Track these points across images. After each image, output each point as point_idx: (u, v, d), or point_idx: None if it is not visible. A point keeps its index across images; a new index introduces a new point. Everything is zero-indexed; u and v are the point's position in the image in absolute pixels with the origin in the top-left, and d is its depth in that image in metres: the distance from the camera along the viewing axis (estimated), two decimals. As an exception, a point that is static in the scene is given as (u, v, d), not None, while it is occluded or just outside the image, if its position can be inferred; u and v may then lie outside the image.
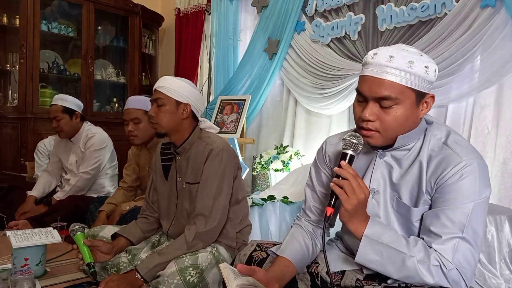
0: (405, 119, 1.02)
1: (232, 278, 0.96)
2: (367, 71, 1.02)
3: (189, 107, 1.65)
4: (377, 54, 1.01)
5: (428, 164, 1.04)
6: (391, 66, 0.98)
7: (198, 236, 1.52)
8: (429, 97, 1.04)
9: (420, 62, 0.98)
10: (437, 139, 1.07)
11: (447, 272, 0.95)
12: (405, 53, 0.99)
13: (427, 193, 1.04)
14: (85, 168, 2.68)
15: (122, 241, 1.69)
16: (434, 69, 1.01)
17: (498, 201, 2.14)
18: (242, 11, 3.66)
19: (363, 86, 1.03)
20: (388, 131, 1.03)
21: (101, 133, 2.78)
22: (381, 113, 1.01)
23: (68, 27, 3.90)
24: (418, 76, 0.98)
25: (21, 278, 1.43)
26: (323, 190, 1.25)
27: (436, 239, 0.98)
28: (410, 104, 1.00)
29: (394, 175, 1.10)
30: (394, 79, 0.98)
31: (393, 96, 0.98)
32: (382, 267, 1.00)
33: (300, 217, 1.30)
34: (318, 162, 1.29)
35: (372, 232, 1.01)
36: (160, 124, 1.63)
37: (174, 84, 1.63)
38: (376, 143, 1.06)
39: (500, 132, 2.17)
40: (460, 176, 0.98)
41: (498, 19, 2.05)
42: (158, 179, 1.78)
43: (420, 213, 1.05)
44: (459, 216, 0.97)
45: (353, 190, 0.98)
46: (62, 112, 2.66)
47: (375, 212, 1.11)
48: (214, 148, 1.60)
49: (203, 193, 1.58)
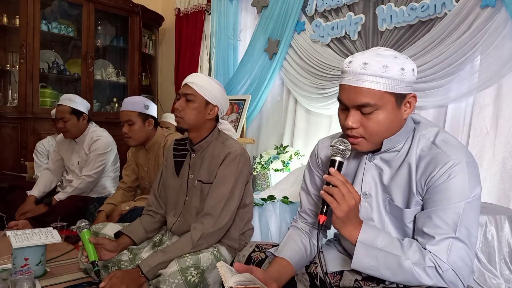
0: (389, 123, 1.02)
1: (229, 276, 0.96)
2: (344, 80, 1.03)
3: (217, 109, 1.65)
4: (352, 62, 1.01)
5: (417, 165, 1.04)
6: (366, 73, 0.98)
7: (204, 236, 1.53)
8: (410, 97, 1.03)
9: (395, 65, 0.98)
10: (425, 139, 1.06)
11: (443, 273, 0.95)
12: (378, 58, 0.98)
13: (418, 194, 1.04)
14: (88, 171, 2.66)
15: (126, 240, 1.68)
16: (411, 69, 1.00)
17: (497, 201, 2.14)
18: (242, 11, 3.66)
19: (343, 95, 1.04)
20: (373, 136, 1.04)
21: (106, 137, 2.75)
22: (364, 119, 1.02)
23: (68, 27, 3.90)
24: (394, 79, 0.98)
25: (21, 278, 1.43)
26: (318, 193, 1.25)
27: (430, 240, 0.98)
28: (391, 107, 1.01)
29: (385, 177, 1.10)
30: (370, 85, 0.98)
31: (372, 102, 0.99)
32: (378, 272, 1.00)
33: (296, 219, 1.30)
34: (311, 165, 1.29)
35: (366, 237, 1.01)
36: (184, 119, 1.61)
37: (208, 84, 1.63)
38: (364, 149, 1.07)
39: (499, 132, 2.17)
40: (448, 176, 0.98)
41: (498, 19, 2.05)
42: (168, 174, 1.77)
43: (413, 214, 1.05)
44: (451, 216, 0.97)
45: (343, 197, 0.98)
46: (70, 114, 2.63)
47: (368, 216, 1.11)
48: (232, 151, 1.60)
49: (215, 193, 1.58)
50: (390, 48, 1.07)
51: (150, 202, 1.82)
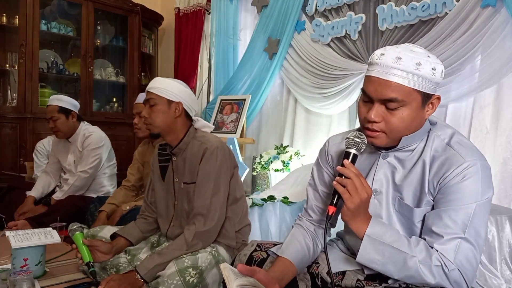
0: (411, 121, 1.01)
1: (232, 278, 0.96)
2: (373, 72, 1.01)
3: (181, 105, 1.65)
4: (384, 54, 0.99)
5: (431, 165, 1.04)
6: (398, 68, 0.97)
7: (198, 236, 1.52)
8: (435, 98, 1.03)
9: (428, 64, 0.97)
10: (440, 139, 1.06)
11: (449, 272, 0.94)
12: (412, 55, 0.97)
13: (430, 193, 1.04)
14: (83, 167, 2.68)
15: (121, 241, 1.69)
16: (441, 70, 1.00)
17: (498, 201, 2.14)
18: (242, 11, 3.65)
19: (369, 87, 1.02)
20: (394, 132, 1.03)
21: (98, 132, 2.78)
22: (387, 114, 1.01)
23: (68, 26, 3.89)
24: (425, 78, 0.97)
25: (20, 278, 1.42)
26: (325, 190, 1.25)
27: (438, 239, 0.98)
28: (416, 105, 1.00)
29: (397, 176, 1.09)
30: (401, 81, 0.97)
31: (399, 98, 0.98)
32: (383, 266, 0.99)
33: (301, 217, 1.29)
34: (320, 162, 1.28)
35: (374, 231, 1.00)
36: (153, 124, 1.64)
37: (165, 84, 1.64)
38: (381, 143, 1.06)
39: (500, 132, 2.16)
40: (463, 177, 0.98)
41: (499, 18, 2.04)
42: (155, 179, 1.78)
43: (422, 214, 1.05)
44: (461, 216, 0.97)
45: (356, 189, 0.98)
46: (58, 112, 2.66)
47: (377, 213, 1.11)
48: (209, 147, 1.60)
49: (200, 192, 1.58)
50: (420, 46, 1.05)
51: (143, 208, 1.83)
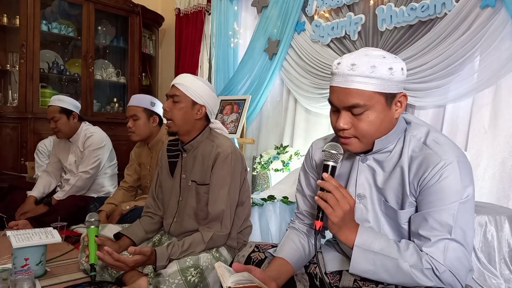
0: (380, 123, 1.02)
1: (227, 276, 0.96)
2: (333, 82, 1.03)
3: (205, 108, 1.66)
4: (340, 63, 1.01)
5: (409, 166, 1.04)
6: (354, 74, 0.98)
7: (215, 237, 1.55)
8: (401, 96, 1.03)
9: (383, 65, 0.98)
10: (416, 139, 1.06)
11: (440, 274, 0.95)
12: (366, 59, 0.98)
13: (412, 195, 1.04)
14: (84, 167, 2.68)
15: (126, 242, 1.69)
16: (400, 68, 1.00)
17: (497, 200, 2.14)
18: (242, 11, 3.66)
19: (333, 96, 1.04)
20: (365, 136, 1.03)
21: (99, 132, 2.78)
22: (354, 120, 1.02)
23: (68, 27, 3.90)
24: (383, 79, 0.98)
25: (21, 278, 1.43)
26: (313, 195, 1.25)
27: (426, 242, 0.98)
28: (381, 107, 1.00)
29: (379, 179, 1.10)
30: (359, 86, 0.98)
31: (361, 103, 0.99)
32: (376, 275, 1.00)
33: (294, 220, 1.30)
34: (306, 167, 1.29)
35: (363, 240, 1.01)
36: (173, 121, 1.63)
37: (193, 84, 1.64)
38: (356, 149, 1.07)
39: (498, 132, 2.17)
40: (440, 176, 0.98)
41: (498, 19, 2.05)
42: (164, 175, 1.78)
43: (407, 215, 1.05)
44: (445, 217, 0.97)
45: (337, 202, 0.98)
46: (59, 113, 2.67)
47: (364, 217, 1.11)
48: (222, 151, 1.60)
49: (215, 197, 1.59)
50: (378, 48, 1.07)
51: (148, 204, 1.83)
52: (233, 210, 1.63)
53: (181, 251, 1.48)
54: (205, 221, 1.61)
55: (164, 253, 1.46)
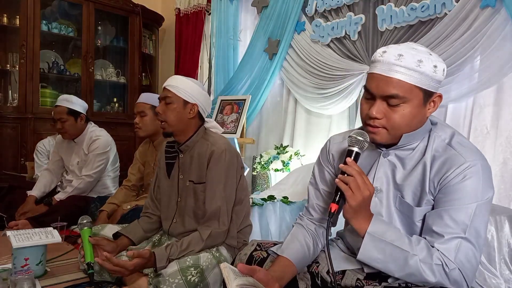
0: (412, 118, 1.02)
1: (232, 278, 0.96)
2: (375, 69, 1.02)
3: (197, 107, 1.68)
4: (386, 52, 1.01)
5: (431, 165, 1.04)
6: (400, 65, 0.98)
7: (214, 235, 1.56)
8: (436, 96, 1.04)
9: (429, 61, 0.98)
10: (441, 139, 1.07)
11: (449, 271, 0.95)
12: (414, 52, 0.99)
13: (430, 193, 1.04)
14: (88, 171, 2.67)
15: (124, 241, 1.69)
16: (442, 69, 1.01)
17: (498, 201, 2.14)
18: (242, 11, 3.66)
19: (371, 83, 1.03)
20: (395, 129, 1.04)
21: (105, 136, 2.76)
22: (388, 111, 1.02)
23: (68, 27, 3.90)
24: (426, 75, 0.99)
25: (21, 278, 1.43)
26: (326, 189, 1.26)
27: (439, 239, 0.98)
28: (418, 103, 1.01)
29: (398, 176, 1.10)
30: (402, 77, 0.98)
31: (400, 94, 0.99)
32: (384, 265, 1.00)
33: (302, 216, 1.30)
34: (321, 161, 1.29)
35: (375, 229, 1.01)
36: (167, 122, 1.66)
37: (184, 84, 1.67)
38: (382, 140, 1.07)
39: (500, 132, 2.17)
40: (463, 177, 0.99)
41: (498, 19, 2.04)
42: (161, 176, 1.80)
43: (423, 213, 1.05)
44: (462, 216, 0.98)
45: (358, 186, 0.98)
46: (67, 114, 2.64)
47: (377, 211, 1.11)
48: (216, 149, 1.62)
49: (211, 195, 1.60)
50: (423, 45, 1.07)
51: (147, 204, 1.84)
52: (230, 207, 1.63)
53: (180, 251, 1.49)
54: (203, 220, 1.61)
55: (163, 254, 1.46)
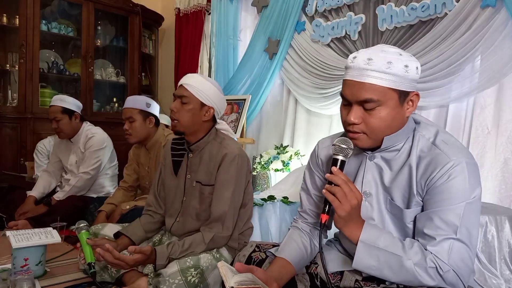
0: (391, 119, 1.02)
1: (230, 276, 0.96)
2: (348, 75, 1.03)
3: (213, 110, 1.65)
4: (356, 57, 1.01)
5: (417, 165, 1.04)
6: (370, 69, 0.98)
7: (216, 239, 1.55)
8: (413, 95, 1.04)
9: (399, 61, 0.98)
10: (425, 139, 1.06)
11: (444, 274, 0.94)
12: (383, 54, 0.99)
13: (418, 194, 1.04)
14: (85, 168, 2.68)
15: (125, 241, 1.68)
16: (415, 67, 1.00)
17: (499, 201, 2.14)
18: (242, 11, 3.66)
19: (346, 90, 1.04)
20: (375, 132, 1.03)
21: (101, 133, 2.78)
22: (366, 115, 1.02)
23: (68, 27, 3.89)
24: (398, 76, 0.98)
25: (21, 278, 1.43)
26: (318, 193, 1.25)
27: (431, 241, 0.98)
28: (394, 104, 1.01)
29: (386, 178, 1.10)
30: (374, 81, 0.98)
31: (374, 98, 0.99)
32: (379, 272, 1.00)
33: (297, 219, 1.30)
34: (311, 165, 1.29)
35: (368, 236, 1.00)
36: (180, 122, 1.61)
37: (202, 85, 1.62)
38: (364, 145, 1.07)
39: (501, 132, 2.17)
40: (448, 177, 0.98)
41: (499, 19, 2.04)
42: (167, 173, 1.77)
43: (413, 214, 1.05)
44: (451, 217, 0.97)
45: (345, 196, 0.98)
46: (61, 113, 2.66)
47: (369, 215, 1.11)
48: (229, 153, 1.60)
49: (219, 198, 1.59)
50: (394, 46, 1.07)
51: (150, 202, 1.82)
52: (236, 212, 1.62)
53: (181, 251, 1.48)
54: (207, 222, 1.60)
55: (164, 252, 1.46)
